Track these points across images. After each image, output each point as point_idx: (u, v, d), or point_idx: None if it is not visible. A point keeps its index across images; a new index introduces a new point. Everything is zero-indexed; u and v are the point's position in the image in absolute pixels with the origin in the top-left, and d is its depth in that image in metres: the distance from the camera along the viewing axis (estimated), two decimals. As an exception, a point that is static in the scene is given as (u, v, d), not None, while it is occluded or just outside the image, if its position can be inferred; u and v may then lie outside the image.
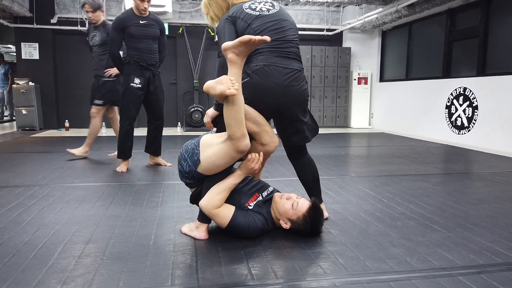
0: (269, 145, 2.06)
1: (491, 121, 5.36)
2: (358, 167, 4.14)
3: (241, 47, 1.76)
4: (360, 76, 8.45)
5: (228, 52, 1.79)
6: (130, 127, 3.81)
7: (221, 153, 1.89)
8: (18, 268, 1.68)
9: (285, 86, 1.98)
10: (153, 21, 3.75)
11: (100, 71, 4.27)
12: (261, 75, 1.95)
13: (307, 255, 1.85)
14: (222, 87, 1.73)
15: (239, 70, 1.83)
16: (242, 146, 1.84)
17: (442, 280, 1.61)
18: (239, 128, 1.81)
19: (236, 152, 1.85)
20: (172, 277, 1.62)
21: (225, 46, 1.78)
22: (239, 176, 2.00)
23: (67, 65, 7.85)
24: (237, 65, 1.81)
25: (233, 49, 1.77)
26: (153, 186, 3.17)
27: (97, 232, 2.13)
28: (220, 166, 1.93)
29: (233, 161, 1.93)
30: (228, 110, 1.81)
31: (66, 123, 7.62)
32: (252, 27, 2.00)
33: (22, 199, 2.74)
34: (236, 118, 1.80)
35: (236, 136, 1.81)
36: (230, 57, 1.79)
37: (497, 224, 2.30)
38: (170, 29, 7.62)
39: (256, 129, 2.00)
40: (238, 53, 1.78)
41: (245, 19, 2.03)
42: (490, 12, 5.57)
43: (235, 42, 1.75)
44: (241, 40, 1.73)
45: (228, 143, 1.85)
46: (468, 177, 3.63)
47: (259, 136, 2.03)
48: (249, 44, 1.75)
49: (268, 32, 1.99)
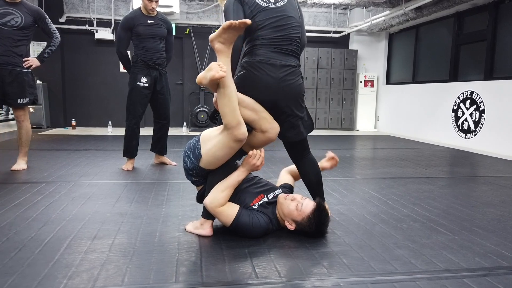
0: (269, 132, 2.02)
1: (498, 125, 5.32)
2: (364, 169, 4.13)
3: (225, 34, 1.81)
4: (366, 79, 8.43)
5: (215, 42, 1.84)
6: (137, 125, 3.83)
7: (220, 144, 1.90)
8: (24, 263, 1.69)
9: (280, 80, 1.98)
10: (160, 21, 3.78)
11: (16, 59, 3.51)
12: (256, 68, 1.97)
13: (311, 255, 1.85)
14: (212, 72, 1.78)
15: (228, 58, 1.88)
16: (239, 135, 1.85)
17: (446, 282, 1.60)
18: (234, 116, 1.83)
19: (234, 141, 1.87)
20: (177, 274, 1.63)
21: (210, 37, 1.86)
22: (242, 173, 2.01)
23: (74, 64, 7.91)
24: (224, 53, 1.87)
25: (218, 38, 1.83)
26: (159, 185, 3.19)
27: (102, 228, 2.14)
28: (220, 157, 1.94)
29: (233, 151, 1.93)
30: (221, 98, 1.85)
31: (73, 122, 7.69)
32: (256, 20, 1.99)
33: (29, 196, 2.77)
34: (230, 105, 1.83)
35: (232, 124, 1.83)
36: (217, 47, 1.85)
37: (503, 228, 2.28)
38: (177, 29, 7.65)
39: (254, 116, 1.97)
40: (224, 41, 1.83)
41: (251, 8, 2.00)
42: (498, 16, 5.54)
43: (219, 30, 1.81)
44: (223, 27, 1.79)
45: (226, 133, 1.87)
46: (474, 181, 3.61)
47: (258, 124, 1.99)
48: (232, 29, 1.80)
49: (269, 28, 1.99)
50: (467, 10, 6.09)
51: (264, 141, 2.04)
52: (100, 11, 7.73)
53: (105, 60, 7.90)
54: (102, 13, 7.74)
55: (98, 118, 8.04)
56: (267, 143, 2.07)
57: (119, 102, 7.80)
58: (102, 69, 7.99)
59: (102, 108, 8.08)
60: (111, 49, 7.71)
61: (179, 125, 8.09)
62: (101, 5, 7.72)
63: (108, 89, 8.06)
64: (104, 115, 7.98)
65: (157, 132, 4.06)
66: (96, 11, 7.69)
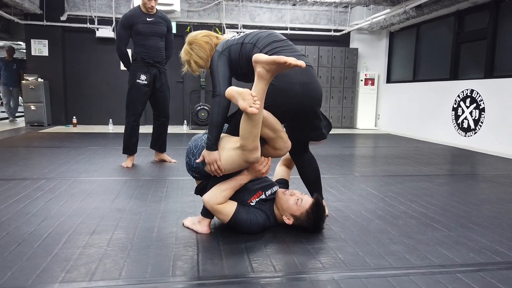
0: (281, 150, 2.03)
1: (498, 124, 5.32)
2: (362, 167, 4.14)
3: (273, 66, 1.70)
4: (367, 77, 8.44)
5: (259, 66, 1.73)
6: (136, 123, 3.85)
7: (230, 160, 1.90)
8: (23, 257, 1.72)
9: (302, 84, 1.95)
10: (160, 19, 3.79)
11: None
12: (277, 77, 1.87)
13: (307, 250, 1.87)
14: (244, 104, 1.70)
15: (265, 86, 1.77)
16: (252, 159, 1.85)
17: (440, 277, 1.62)
18: (253, 141, 1.81)
19: (245, 162, 1.87)
20: (174, 269, 1.65)
21: (257, 58, 1.72)
22: (246, 177, 2.01)
23: (76, 63, 7.94)
24: (264, 81, 1.75)
25: (265, 64, 1.71)
26: (158, 182, 3.21)
27: (101, 224, 2.16)
28: (226, 170, 1.95)
29: (240, 169, 1.95)
30: (245, 123, 1.78)
31: (74, 120, 7.72)
32: (258, 46, 1.99)
33: (29, 191, 2.79)
34: (252, 132, 1.79)
35: (249, 148, 1.82)
36: (260, 71, 1.73)
37: (499, 225, 2.29)
38: (178, 28, 7.67)
39: (272, 135, 1.96)
40: (269, 69, 1.72)
41: (247, 41, 2.02)
42: (499, 14, 5.54)
43: (269, 59, 1.69)
44: (275, 59, 1.67)
45: (239, 152, 1.86)
46: (472, 179, 3.62)
47: (273, 142, 1.99)
48: (283, 65, 1.70)
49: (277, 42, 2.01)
50: (467, 9, 6.08)
51: (273, 155, 2.05)
52: (101, 9, 7.75)
53: (106, 58, 7.93)
54: (103, 11, 7.76)
55: (99, 116, 8.07)
56: (275, 157, 2.09)
57: (120, 100, 7.81)
58: (103, 68, 8.01)
59: (103, 106, 8.11)
60: (112, 47, 7.70)
61: (180, 123, 8.11)
62: (102, 3, 7.74)
63: (109, 87, 8.09)
64: (105, 113, 8.01)
65: (156, 130, 4.08)
66: (97, 9, 7.71)
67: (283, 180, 2.38)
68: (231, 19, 8.14)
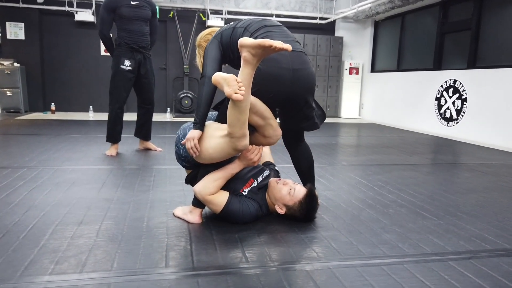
0: (271, 138, 2.00)
1: (480, 114, 5.43)
2: (349, 156, 4.16)
3: (259, 50, 1.64)
4: (351, 66, 8.46)
5: (244, 50, 1.66)
6: (120, 110, 3.75)
7: (219, 148, 1.86)
8: (9, 248, 1.65)
9: (293, 70, 1.90)
10: (145, 2, 3.67)
11: None
12: (265, 61, 1.83)
13: (301, 240, 1.86)
14: (229, 91, 1.65)
15: (252, 71, 1.71)
16: (240, 146, 1.81)
17: (433, 265, 1.64)
18: (240, 128, 1.76)
19: (233, 150, 1.83)
20: (167, 259, 1.61)
21: (242, 42, 1.66)
22: (238, 166, 1.98)
23: (54, 47, 7.66)
24: (250, 66, 1.69)
25: (250, 48, 1.64)
26: (144, 170, 3.14)
27: (89, 214, 2.10)
28: (215, 159, 1.91)
29: (229, 156, 1.91)
30: (232, 109, 1.73)
31: (52, 106, 7.47)
32: (249, 30, 1.96)
33: (10, 181, 2.69)
34: (239, 119, 1.74)
35: (236, 135, 1.77)
36: (246, 56, 1.67)
37: (486, 213, 2.34)
38: (161, 12, 7.47)
39: (261, 122, 1.92)
40: (255, 54, 1.66)
41: (239, 25, 2.01)
42: (483, 5, 5.60)
43: (254, 42, 1.62)
44: (260, 43, 1.61)
45: (227, 140, 1.81)
46: (456, 168, 3.69)
47: (263, 129, 1.95)
48: (268, 49, 1.64)
49: (269, 27, 1.98)
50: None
51: (263, 143, 2.01)
52: (80, -8, 7.47)
53: (86, 43, 7.68)
54: (83, -6, 7.49)
55: (79, 102, 7.85)
56: (265, 145, 2.06)
57: (100, 86, 7.62)
58: (83, 52, 7.76)
59: (83, 92, 7.89)
60: (92, 31, 7.49)
61: (163, 111, 7.97)
62: (82, -15, 7.47)
63: (89, 73, 7.85)
64: (85, 100, 7.79)
65: (141, 117, 3.98)
66: (77, -9, 7.43)
67: (269, 162, 2.36)
68: (215, 4, 7.98)
